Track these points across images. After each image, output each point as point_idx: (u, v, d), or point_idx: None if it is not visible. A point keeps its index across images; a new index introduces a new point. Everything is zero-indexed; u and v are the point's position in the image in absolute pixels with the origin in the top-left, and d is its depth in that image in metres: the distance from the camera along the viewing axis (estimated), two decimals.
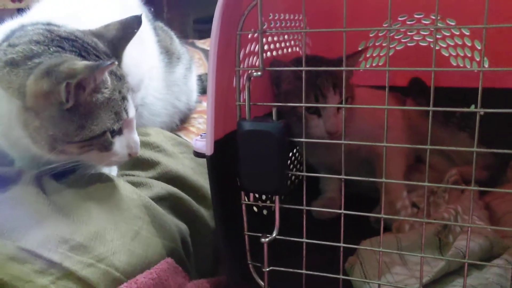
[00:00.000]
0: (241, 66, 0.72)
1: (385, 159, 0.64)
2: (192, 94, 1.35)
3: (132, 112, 0.81)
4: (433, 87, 0.60)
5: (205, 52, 1.85)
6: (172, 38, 1.28)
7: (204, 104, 1.44)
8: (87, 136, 0.74)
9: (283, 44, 1.02)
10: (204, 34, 2.57)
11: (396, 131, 1.05)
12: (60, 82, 0.70)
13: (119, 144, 0.80)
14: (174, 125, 1.24)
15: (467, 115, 1.12)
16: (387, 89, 0.63)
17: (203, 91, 1.44)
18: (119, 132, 0.80)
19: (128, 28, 0.83)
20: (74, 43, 0.77)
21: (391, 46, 1.22)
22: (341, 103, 0.92)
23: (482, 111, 0.58)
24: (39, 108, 0.73)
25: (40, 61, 0.73)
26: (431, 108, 0.61)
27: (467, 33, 1.13)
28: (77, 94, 0.72)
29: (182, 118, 1.28)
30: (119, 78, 0.79)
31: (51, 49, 0.75)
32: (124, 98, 0.79)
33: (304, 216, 0.72)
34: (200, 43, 1.94)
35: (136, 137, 0.83)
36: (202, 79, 1.46)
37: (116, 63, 0.76)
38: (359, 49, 1.04)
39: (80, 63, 0.72)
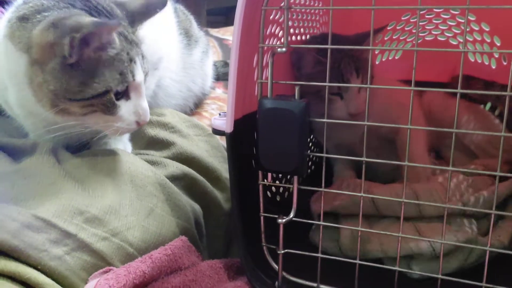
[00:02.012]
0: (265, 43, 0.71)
1: (408, 141, 0.63)
2: (207, 78, 1.34)
3: (139, 76, 0.78)
4: (462, 71, 0.60)
5: (218, 40, 1.84)
6: (191, 21, 1.28)
7: (218, 90, 1.44)
8: (89, 93, 0.73)
9: (301, 25, 1.02)
10: (217, 24, 2.57)
11: (416, 111, 1.03)
12: (65, 34, 0.69)
13: (125, 109, 0.78)
14: (188, 109, 1.23)
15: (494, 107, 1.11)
16: (414, 70, 0.62)
17: (217, 78, 1.43)
18: (126, 95, 0.78)
19: (151, 6, 0.83)
20: (86, 3, 0.76)
21: (408, 40, 1.21)
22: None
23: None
24: (43, 60, 0.72)
25: (48, 14, 0.73)
26: (459, 90, 0.60)
27: (487, 29, 1.12)
28: (81, 50, 0.71)
29: (196, 102, 1.27)
30: (130, 41, 0.78)
31: (61, 4, 0.75)
32: (131, 60, 0.77)
33: (322, 198, 0.71)
34: (214, 31, 1.94)
35: (145, 105, 0.81)
36: (216, 65, 1.46)
37: (124, 24, 0.75)
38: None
39: (87, 19, 0.71)
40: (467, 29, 1.15)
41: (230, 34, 1.93)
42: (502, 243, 0.78)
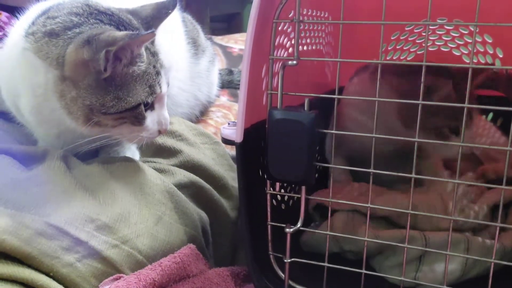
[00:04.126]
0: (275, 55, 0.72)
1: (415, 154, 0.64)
2: (213, 87, 1.35)
3: (164, 87, 0.82)
4: (470, 84, 0.61)
5: (222, 47, 1.85)
6: (199, 30, 1.29)
7: (222, 98, 1.45)
8: (123, 107, 0.75)
9: (307, 35, 1.03)
10: (219, 31, 2.58)
11: None
12: (100, 50, 0.71)
13: (150, 119, 0.80)
14: (194, 117, 1.24)
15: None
16: (422, 85, 0.63)
17: (221, 85, 1.44)
18: (152, 107, 0.80)
19: (163, 9, 0.84)
20: (111, 17, 0.78)
21: (411, 50, 1.22)
22: None
23: None
24: (77, 77, 0.74)
25: (80, 31, 0.74)
26: (466, 105, 0.61)
27: (490, 41, 1.13)
28: (114, 65, 0.73)
29: (202, 110, 1.28)
30: (153, 54, 0.80)
31: (91, 20, 0.76)
32: (158, 73, 0.80)
33: (330, 208, 0.72)
34: (218, 39, 1.94)
35: (166, 114, 0.84)
36: (220, 73, 1.47)
37: (155, 34, 0.77)
38: None
39: (121, 32, 0.73)
40: (470, 40, 1.16)
41: (233, 41, 1.94)
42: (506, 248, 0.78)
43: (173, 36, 1.09)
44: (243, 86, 0.69)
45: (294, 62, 0.67)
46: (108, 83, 0.74)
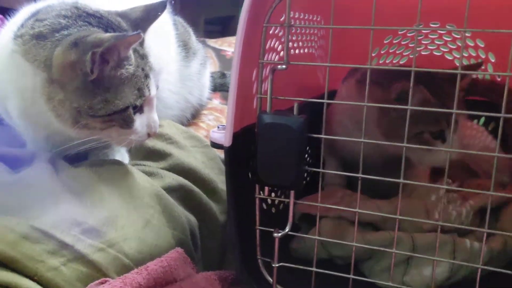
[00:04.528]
0: (265, 59, 0.72)
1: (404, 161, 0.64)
2: (205, 90, 1.35)
3: (153, 90, 0.81)
4: (458, 89, 0.60)
5: (216, 50, 1.85)
6: (190, 33, 1.29)
7: (215, 101, 1.44)
8: (111, 110, 0.75)
9: (299, 38, 1.02)
10: (214, 34, 2.58)
11: None
12: (87, 52, 0.70)
13: (139, 122, 0.80)
14: (185, 119, 1.24)
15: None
16: (410, 90, 0.63)
17: (214, 88, 1.44)
18: (140, 109, 0.80)
19: (152, 11, 0.84)
20: (100, 20, 0.78)
21: (404, 54, 1.23)
22: None
23: (506, 116, 0.58)
24: (65, 79, 0.73)
25: (68, 33, 0.74)
26: (454, 111, 0.61)
27: (482, 45, 1.13)
28: (101, 67, 0.73)
29: (193, 113, 1.28)
30: (142, 56, 0.80)
31: (79, 22, 0.76)
32: (146, 76, 0.79)
33: (318, 213, 0.72)
34: (212, 42, 1.94)
35: (156, 117, 0.84)
36: (213, 76, 1.47)
37: (142, 35, 0.77)
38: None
39: (107, 34, 0.73)
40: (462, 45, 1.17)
41: (227, 44, 1.94)
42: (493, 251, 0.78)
43: (164, 39, 1.09)
44: (232, 89, 0.69)
45: (284, 66, 0.67)
46: (95, 86, 0.74)
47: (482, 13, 0.78)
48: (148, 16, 0.84)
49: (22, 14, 0.84)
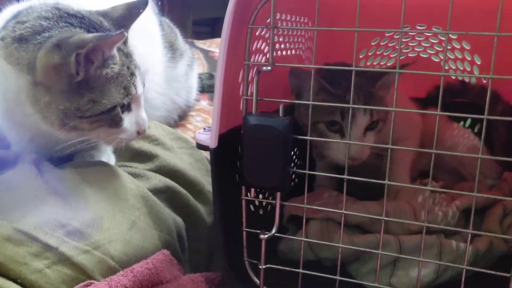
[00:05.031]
0: (251, 60, 0.72)
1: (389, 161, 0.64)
2: (192, 91, 1.35)
3: (140, 88, 0.81)
4: (442, 90, 0.61)
5: (204, 52, 1.85)
6: (177, 34, 1.29)
7: (203, 102, 1.44)
8: (98, 110, 0.75)
9: (286, 40, 1.02)
10: (203, 35, 2.57)
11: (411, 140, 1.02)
12: (70, 53, 0.70)
13: (128, 121, 0.80)
14: (172, 120, 1.23)
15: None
16: (395, 92, 0.63)
17: (202, 89, 1.44)
18: (128, 108, 0.80)
19: (134, 9, 0.84)
20: (82, 20, 0.78)
21: (391, 56, 1.23)
22: (371, 125, 0.86)
23: (488, 118, 0.59)
24: (50, 82, 0.73)
25: (49, 35, 0.73)
26: (438, 112, 0.61)
27: (468, 48, 1.14)
28: (87, 68, 0.73)
29: (180, 114, 1.28)
30: (126, 55, 0.80)
31: (61, 24, 0.75)
32: (132, 74, 0.79)
33: (304, 214, 0.72)
34: (200, 43, 1.94)
35: (144, 114, 0.83)
36: (201, 77, 1.46)
37: (125, 34, 0.76)
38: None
39: (90, 35, 0.73)
40: (448, 47, 1.17)
41: (216, 46, 1.94)
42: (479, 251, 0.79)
43: (149, 38, 1.08)
44: (217, 91, 0.68)
45: (269, 68, 0.67)
46: (81, 87, 0.73)
47: (469, 16, 0.78)
48: (130, 14, 0.83)
49: (4, 15, 0.83)
